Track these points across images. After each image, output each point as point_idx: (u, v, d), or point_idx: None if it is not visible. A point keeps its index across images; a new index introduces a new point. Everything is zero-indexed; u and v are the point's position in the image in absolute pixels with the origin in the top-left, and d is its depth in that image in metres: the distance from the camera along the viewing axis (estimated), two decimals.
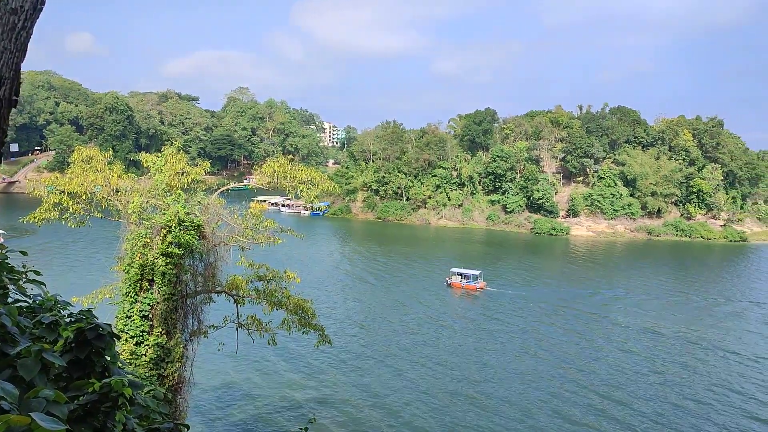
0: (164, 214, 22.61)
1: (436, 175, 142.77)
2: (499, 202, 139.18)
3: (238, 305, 26.19)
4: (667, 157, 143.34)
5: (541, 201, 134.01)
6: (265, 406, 40.81)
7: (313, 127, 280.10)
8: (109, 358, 4.85)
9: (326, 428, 37.83)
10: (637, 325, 62.86)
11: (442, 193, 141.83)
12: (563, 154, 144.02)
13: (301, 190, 26.09)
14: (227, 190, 28.81)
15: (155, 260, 21.73)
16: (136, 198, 23.51)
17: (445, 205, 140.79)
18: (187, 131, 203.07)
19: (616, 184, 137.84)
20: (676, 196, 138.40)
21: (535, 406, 42.26)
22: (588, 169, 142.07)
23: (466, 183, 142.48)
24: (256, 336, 26.73)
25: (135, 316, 21.56)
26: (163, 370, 21.64)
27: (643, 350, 55.47)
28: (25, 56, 4.07)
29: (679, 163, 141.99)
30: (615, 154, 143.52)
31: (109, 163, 25.78)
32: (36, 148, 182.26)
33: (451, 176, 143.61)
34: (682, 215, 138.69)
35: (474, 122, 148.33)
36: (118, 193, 24.75)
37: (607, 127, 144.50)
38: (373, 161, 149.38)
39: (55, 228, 33.38)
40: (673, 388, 46.41)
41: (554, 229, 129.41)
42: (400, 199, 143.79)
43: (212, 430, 37.07)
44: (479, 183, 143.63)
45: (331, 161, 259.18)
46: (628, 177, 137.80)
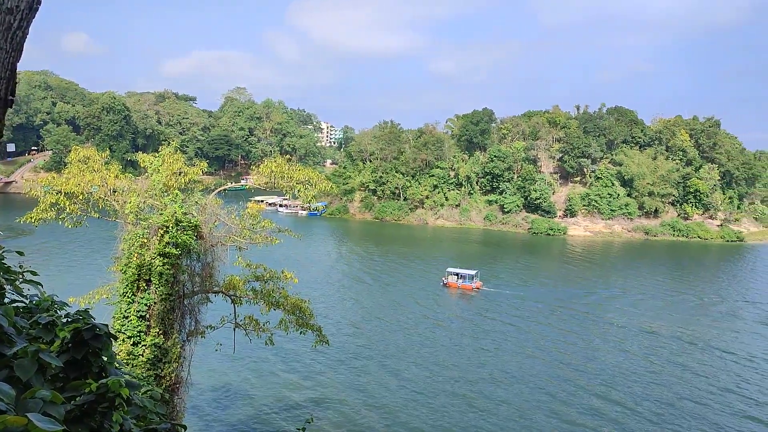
0: (161, 215, 22.58)
1: (433, 175, 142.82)
2: (497, 202, 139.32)
3: (236, 305, 26.16)
4: (664, 157, 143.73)
5: (539, 201, 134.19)
6: (263, 406, 40.79)
7: (310, 127, 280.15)
8: (106, 359, 4.84)
9: (324, 428, 37.84)
10: (634, 325, 62.97)
11: (439, 193, 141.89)
12: (560, 154, 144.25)
13: (299, 190, 26.09)
14: (224, 190, 28.77)
15: (152, 260, 21.70)
16: (133, 198, 23.47)
17: (442, 205, 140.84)
18: (184, 131, 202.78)
19: (613, 184, 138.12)
20: (673, 196, 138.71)
21: (532, 407, 42.31)
22: (585, 169, 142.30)
23: (464, 183, 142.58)
24: (254, 336, 26.71)
25: (132, 317, 21.52)
26: (160, 371, 21.61)
27: (640, 350, 55.57)
28: (21, 56, 4.06)
29: (676, 163, 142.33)
30: (612, 154, 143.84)
31: (106, 163, 25.71)
32: (33, 148, 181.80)
33: (449, 176, 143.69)
34: (679, 215, 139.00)
35: (471, 122, 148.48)
36: (115, 194, 24.70)
37: (605, 128, 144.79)
38: (371, 161, 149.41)
39: (52, 228, 33.32)
40: (669, 388, 46.50)
41: (551, 229, 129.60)
42: (398, 199, 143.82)
43: (209, 430, 37.04)
44: (477, 183, 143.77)
45: (329, 161, 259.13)
46: (626, 177, 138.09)
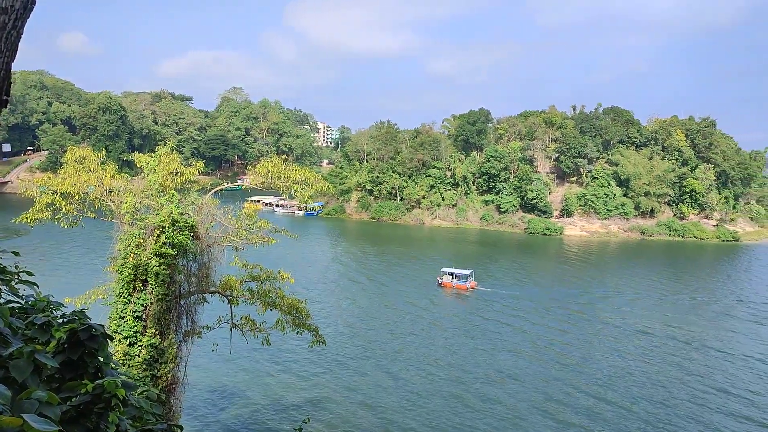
0: (158, 215, 22.55)
1: (430, 175, 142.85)
2: (493, 202, 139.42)
3: (232, 306, 26.15)
4: (660, 158, 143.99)
5: (535, 201, 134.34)
6: (259, 407, 40.75)
7: (307, 127, 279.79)
8: (102, 359, 4.83)
9: (320, 429, 37.83)
10: (629, 325, 63.09)
11: (436, 193, 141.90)
12: (557, 155, 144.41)
13: (295, 190, 26.09)
14: (221, 190, 28.73)
15: (149, 261, 21.67)
16: (130, 198, 23.43)
17: (439, 205, 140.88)
18: (180, 131, 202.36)
19: (609, 184, 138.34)
20: (669, 196, 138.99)
21: (527, 406, 42.36)
22: (581, 169, 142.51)
23: (460, 183, 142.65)
24: (250, 336, 26.69)
25: (128, 317, 21.48)
26: (156, 371, 21.58)
27: (635, 350, 55.67)
28: (15, 56, 4.05)
29: (672, 163, 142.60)
30: (608, 155, 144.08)
31: (102, 164, 25.68)
32: (28, 148, 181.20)
33: (445, 176, 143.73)
34: (675, 215, 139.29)
35: (468, 122, 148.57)
36: (111, 194, 24.66)
37: (601, 128, 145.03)
38: (368, 161, 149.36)
39: (48, 228, 33.21)
40: (663, 388, 46.60)
41: (548, 229, 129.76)
42: (395, 199, 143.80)
43: (206, 430, 36.99)
44: (473, 183, 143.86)
45: (325, 161, 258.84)
46: (622, 177, 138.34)
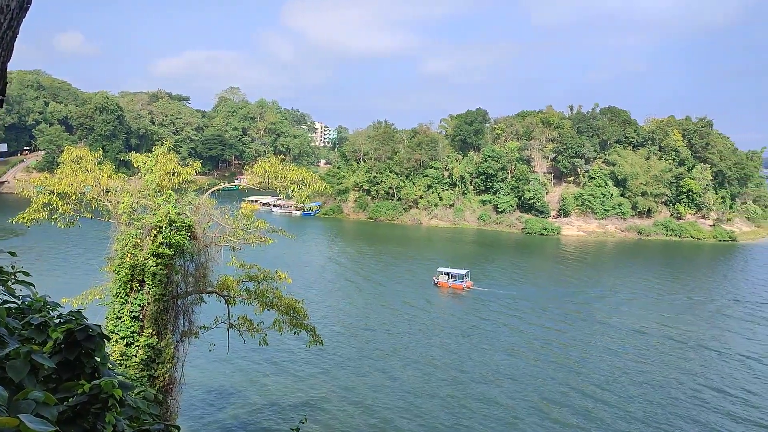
0: (155, 215, 22.52)
1: (427, 175, 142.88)
2: (491, 202, 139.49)
3: (230, 306, 26.14)
4: (657, 157, 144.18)
5: (532, 201, 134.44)
6: (256, 407, 40.72)
7: (304, 127, 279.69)
8: (99, 360, 4.82)
9: (318, 429, 37.81)
10: (625, 325, 63.16)
11: (433, 193, 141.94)
12: (554, 154, 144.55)
13: (293, 190, 26.10)
14: (218, 190, 28.72)
15: (146, 261, 21.64)
16: (127, 198, 23.40)
17: (436, 205, 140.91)
18: (177, 131, 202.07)
19: (606, 184, 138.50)
20: (666, 195, 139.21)
21: (523, 406, 42.38)
22: (579, 169, 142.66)
23: (458, 183, 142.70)
24: (248, 337, 26.68)
25: (125, 317, 21.45)
26: (153, 371, 21.55)
27: (631, 349, 55.74)
28: (11, 56, 4.05)
29: (669, 163, 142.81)
30: (605, 154, 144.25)
31: (99, 163, 25.64)
32: (25, 148, 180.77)
33: (443, 176, 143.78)
34: (672, 215, 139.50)
35: (465, 122, 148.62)
36: (108, 194, 24.62)
37: (598, 128, 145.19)
38: (365, 161, 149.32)
39: (45, 229, 33.12)
40: (659, 387, 46.66)
41: (545, 229, 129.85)
42: (392, 199, 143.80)
43: (203, 431, 36.95)
44: (470, 183, 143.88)
45: (323, 161, 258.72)
46: (619, 177, 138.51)
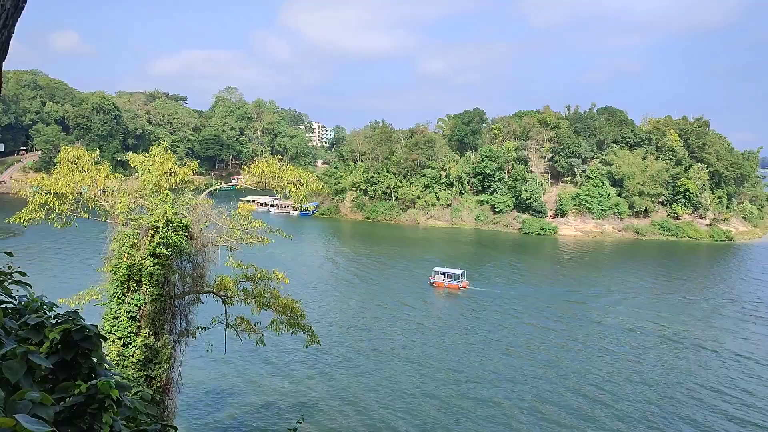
0: (152, 215, 22.49)
1: (424, 175, 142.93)
2: (488, 202, 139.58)
3: (227, 306, 26.10)
4: (654, 157, 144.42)
5: (530, 201, 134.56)
6: (254, 407, 40.68)
7: (301, 127, 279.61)
8: (95, 360, 4.81)
9: (315, 429, 37.79)
10: (621, 324, 63.22)
11: (430, 193, 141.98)
12: (551, 154, 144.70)
13: (290, 191, 26.09)
14: (215, 190, 28.70)
15: (143, 261, 21.61)
16: (124, 198, 23.35)
17: (433, 205, 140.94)
18: (174, 131, 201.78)
19: (603, 184, 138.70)
20: (663, 195, 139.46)
21: (519, 406, 42.40)
22: (576, 169, 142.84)
23: (455, 183, 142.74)
24: (245, 337, 26.66)
25: (122, 317, 21.42)
26: (150, 372, 21.52)
27: (627, 349, 55.81)
28: (6, 55, 4.04)
29: (666, 163, 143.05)
30: (602, 154, 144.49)
31: (95, 163, 25.57)
32: (22, 148, 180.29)
33: (440, 176, 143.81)
34: (668, 215, 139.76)
35: (462, 122, 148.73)
36: (105, 194, 24.56)
37: (595, 128, 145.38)
38: (362, 161, 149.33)
39: (41, 229, 33.08)
40: (655, 387, 46.70)
41: (542, 229, 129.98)
42: (389, 199, 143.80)
43: (201, 431, 36.90)
44: (468, 183, 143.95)
45: (320, 161, 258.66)
46: (616, 177, 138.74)
